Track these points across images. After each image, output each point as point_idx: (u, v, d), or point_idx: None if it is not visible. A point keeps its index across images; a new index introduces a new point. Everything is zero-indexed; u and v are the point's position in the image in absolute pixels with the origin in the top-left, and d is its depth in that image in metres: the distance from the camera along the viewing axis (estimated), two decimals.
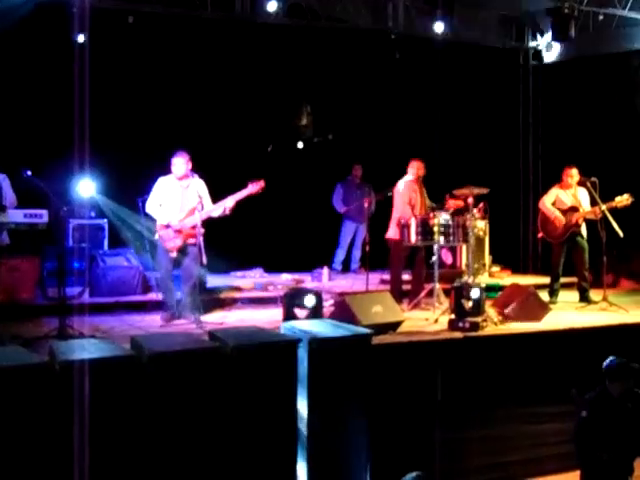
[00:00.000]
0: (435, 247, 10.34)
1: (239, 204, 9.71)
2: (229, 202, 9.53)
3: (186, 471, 6.12)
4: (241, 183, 9.67)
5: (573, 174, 11.25)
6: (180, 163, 9.63)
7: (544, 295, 10.79)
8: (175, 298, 9.75)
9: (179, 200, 9.65)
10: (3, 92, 11.51)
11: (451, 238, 10.26)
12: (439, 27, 13.61)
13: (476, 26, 14.42)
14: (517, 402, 8.57)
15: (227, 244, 12.27)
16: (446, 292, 10.19)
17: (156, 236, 9.69)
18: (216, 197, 9.75)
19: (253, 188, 9.56)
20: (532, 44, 15.36)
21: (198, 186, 9.72)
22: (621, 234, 10.55)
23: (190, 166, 9.70)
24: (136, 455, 5.90)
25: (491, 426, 8.41)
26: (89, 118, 11.96)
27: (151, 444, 5.98)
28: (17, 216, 8.08)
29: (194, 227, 9.42)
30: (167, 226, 9.53)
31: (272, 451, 6.52)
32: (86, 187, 11.90)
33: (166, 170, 9.77)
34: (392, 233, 10.72)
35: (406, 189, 10.93)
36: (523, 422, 8.60)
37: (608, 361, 6.87)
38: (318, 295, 8.92)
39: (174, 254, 9.58)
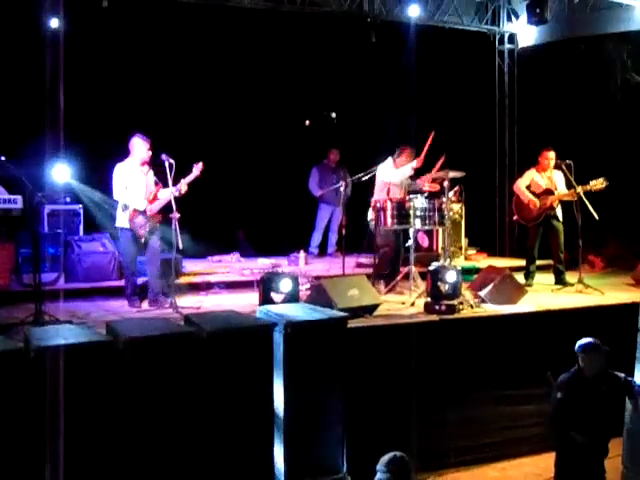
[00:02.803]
0: (411, 230, 10.34)
1: (213, 187, 9.69)
2: (183, 187, 9.45)
3: (163, 455, 6.13)
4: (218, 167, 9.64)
5: (550, 157, 11.28)
6: (143, 145, 9.63)
7: (520, 278, 10.85)
8: (138, 284, 9.76)
9: (143, 185, 9.64)
10: None
11: (427, 221, 10.26)
12: (414, 10, 13.61)
13: (451, 9, 14.41)
14: (493, 384, 8.63)
15: (204, 229, 12.25)
16: (422, 275, 10.20)
17: (125, 223, 9.59)
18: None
19: (197, 170, 9.48)
20: (507, 27, 15.34)
21: (151, 172, 9.74)
22: (596, 216, 10.58)
23: (150, 153, 9.69)
24: (112, 440, 5.90)
25: (467, 408, 8.47)
26: (64, 103, 11.95)
27: (128, 429, 5.98)
28: None
29: (159, 213, 9.53)
30: (142, 212, 9.49)
31: (248, 434, 6.54)
32: (61, 172, 11.83)
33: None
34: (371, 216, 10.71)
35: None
36: (499, 404, 8.66)
37: (580, 342, 6.89)
38: (294, 279, 8.93)
39: (143, 240, 9.56)
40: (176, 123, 13.06)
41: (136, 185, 9.59)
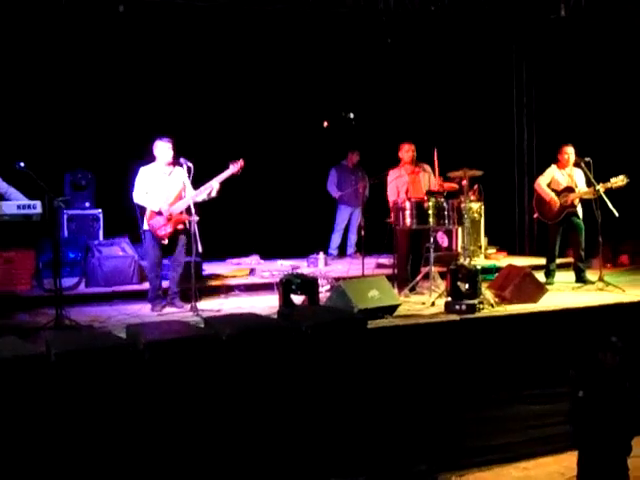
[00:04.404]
0: (430, 230, 10.32)
1: (231, 189, 9.73)
2: (214, 185, 9.53)
3: (180, 454, 6.14)
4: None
5: (569, 152, 11.22)
6: (167, 148, 9.67)
7: (540, 276, 10.79)
8: (161, 287, 9.77)
9: (164, 188, 9.64)
10: None
11: (446, 221, 10.23)
12: None
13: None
14: (515, 383, 8.58)
15: (223, 231, 12.28)
16: (442, 275, 10.18)
17: (145, 226, 9.66)
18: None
19: (234, 168, 9.57)
20: None
21: (180, 173, 9.72)
22: (617, 214, 10.53)
23: (173, 153, 9.71)
24: (133, 442, 5.92)
25: (489, 408, 8.43)
26: (81, 107, 12.04)
27: (149, 431, 6.00)
28: (11, 208, 8.05)
29: (181, 213, 9.51)
30: (158, 213, 9.51)
31: (267, 437, 6.54)
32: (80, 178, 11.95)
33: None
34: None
35: (392, 174, 10.96)
36: (521, 403, 8.61)
37: (600, 338, 6.87)
38: (314, 280, 8.93)
39: (165, 242, 9.57)
40: (195, 125, 13.10)
41: (157, 188, 9.62)
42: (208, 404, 6.27)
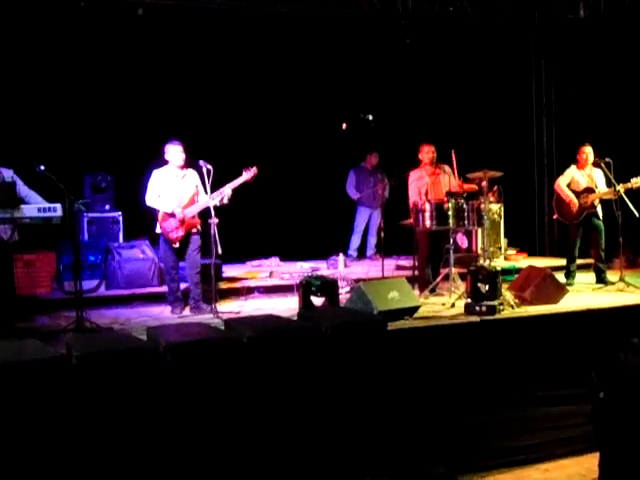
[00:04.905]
0: (450, 232, 10.30)
1: (251, 192, 9.77)
2: (227, 190, 9.54)
3: (204, 459, 6.15)
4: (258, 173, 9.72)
5: (587, 151, 11.21)
6: (178, 151, 9.68)
7: (560, 277, 10.75)
8: (180, 289, 9.79)
9: (177, 191, 9.66)
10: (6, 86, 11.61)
11: (466, 222, 10.21)
12: None
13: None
14: (535, 385, 8.55)
15: (243, 234, 12.30)
16: (462, 276, 10.16)
17: (158, 229, 9.69)
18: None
19: (247, 175, 9.59)
20: None
21: (193, 177, 9.75)
22: (637, 214, 10.49)
23: (185, 156, 9.73)
24: (154, 444, 5.93)
25: (509, 409, 8.40)
26: (99, 112, 12.09)
27: (170, 433, 6.01)
28: (31, 211, 8.07)
29: (194, 217, 9.54)
30: (171, 215, 9.53)
31: (283, 439, 6.55)
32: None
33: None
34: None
35: (412, 175, 10.96)
36: (541, 405, 8.57)
37: (621, 339, 6.84)
38: (334, 282, 8.93)
39: (177, 245, 9.58)
40: (214, 128, 13.14)
41: (170, 191, 9.64)
42: (229, 406, 6.28)
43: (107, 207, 12.34)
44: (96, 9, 11.77)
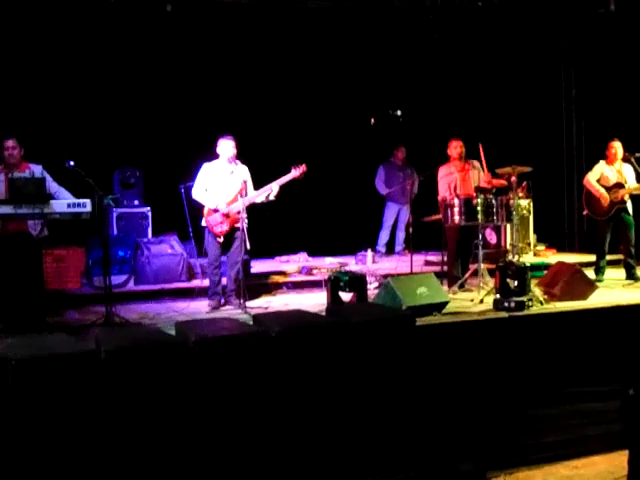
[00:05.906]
0: (479, 227, 10.27)
1: (282, 188, 9.79)
2: (274, 187, 9.62)
3: (233, 452, 6.16)
4: (284, 168, 9.73)
5: (616, 146, 11.16)
6: (229, 146, 9.73)
7: (590, 273, 10.70)
8: (221, 284, 9.81)
9: (224, 185, 9.71)
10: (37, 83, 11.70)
11: (495, 218, 10.17)
12: None
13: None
14: (564, 381, 8.51)
15: (271, 229, 12.32)
16: (491, 272, 10.13)
17: (203, 222, 9.73)
18: (261, 183, 9.81)
19: (296, 172, 9.66)
20: None
21: (242, 172, 9.78)
22: None
23: (235, 151, 9.76)
24: (183, 438, 5.95)
25: (538, 405, 8.36)
26: (129, 108, 12.14)
27: (198, 427, 6.02)
28: (61, 206, 8.11)
29: (239, 212, 9.51)
30: (215, 210, 9.58)
31: (312, 433, 6.54)
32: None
33: (209, 156, 9.84)
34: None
35: (442, 171, 10.94)
36: (571, 401, 8.52)
37: None
38: (362, 278, 8.92)
39: (221, 239, 9.62)
40: (240, 125, 13.13)
41: (217, 185, 9.71)
42: (258, 401, 6.28)
43: (136, 202, 12.41)
44: (125, 5, 11.81)
